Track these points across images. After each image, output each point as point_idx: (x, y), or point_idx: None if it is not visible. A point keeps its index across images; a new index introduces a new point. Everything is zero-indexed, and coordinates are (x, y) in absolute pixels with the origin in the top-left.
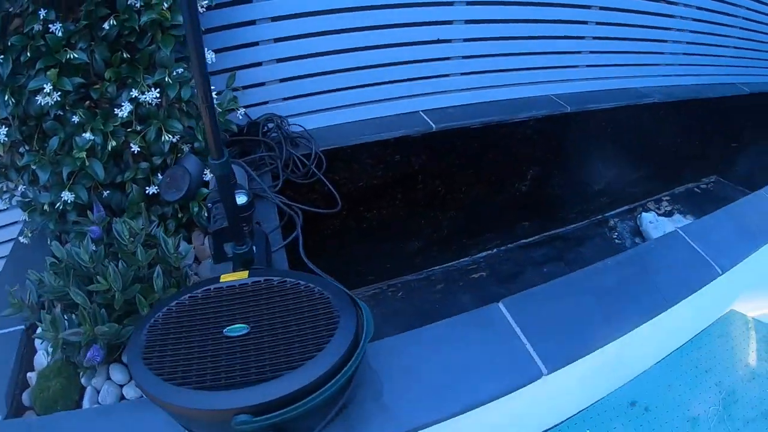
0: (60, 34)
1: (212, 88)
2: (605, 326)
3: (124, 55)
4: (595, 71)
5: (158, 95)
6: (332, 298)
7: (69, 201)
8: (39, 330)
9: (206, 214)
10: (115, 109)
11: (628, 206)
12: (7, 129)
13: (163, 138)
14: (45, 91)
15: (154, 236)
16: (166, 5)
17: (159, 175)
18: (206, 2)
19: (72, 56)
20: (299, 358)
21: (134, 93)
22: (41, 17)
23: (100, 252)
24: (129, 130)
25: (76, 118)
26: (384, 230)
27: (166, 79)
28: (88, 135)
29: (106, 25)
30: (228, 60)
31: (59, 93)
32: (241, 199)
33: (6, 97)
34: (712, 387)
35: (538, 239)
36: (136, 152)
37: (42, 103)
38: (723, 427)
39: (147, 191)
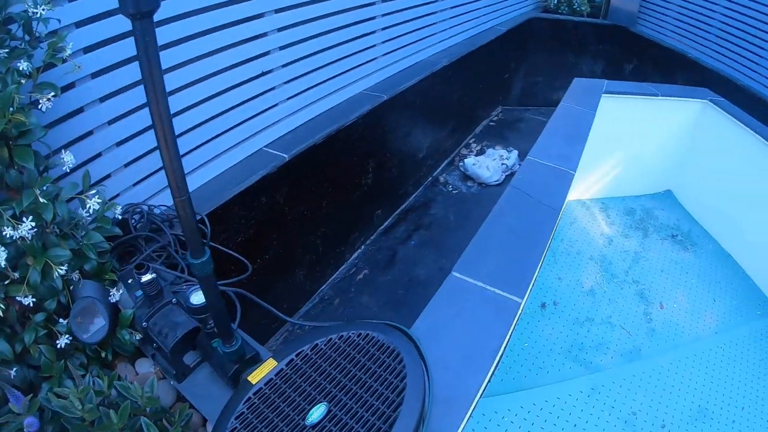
0: None
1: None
2: (532, 248)
3: None
4: (392, 56)
5: (33, 224)
6: (376, 335)
7: None
8: None
9: (139, 338)
10: None
11: (448, 159)
12: None
13: (54, 274)
14: None
15: (100, 391)
16: (12, 108)
17: (60, 320)
18: (52, 93)
19: None
20: (395, 394)
21: (6, 230)
22: None
23: None
24: (7, 282)
25: None
26: (271, 275)
27: (41, 200)
28: None
29: None
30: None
31: None
32: (198, 297)
33: None
34: (588, 262)
35: (393, 220)
36: (31, 305)
37: None
38: (613, 284)
39: (58, 345)
